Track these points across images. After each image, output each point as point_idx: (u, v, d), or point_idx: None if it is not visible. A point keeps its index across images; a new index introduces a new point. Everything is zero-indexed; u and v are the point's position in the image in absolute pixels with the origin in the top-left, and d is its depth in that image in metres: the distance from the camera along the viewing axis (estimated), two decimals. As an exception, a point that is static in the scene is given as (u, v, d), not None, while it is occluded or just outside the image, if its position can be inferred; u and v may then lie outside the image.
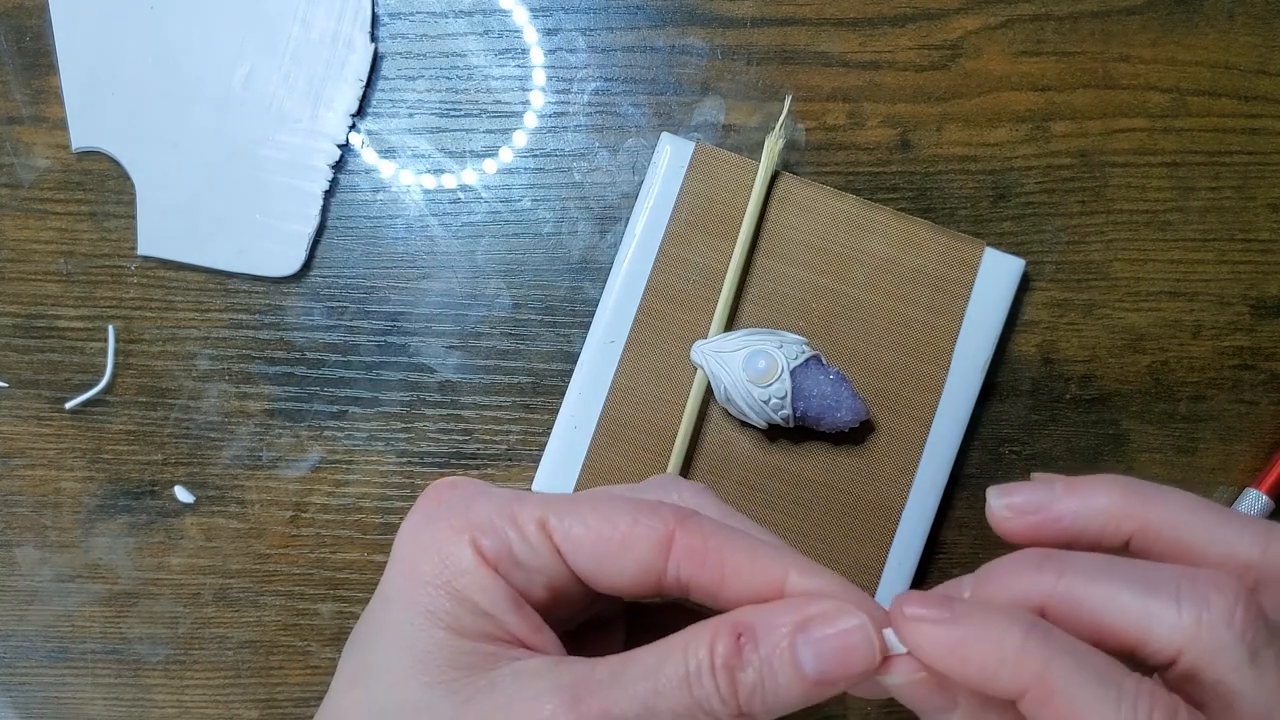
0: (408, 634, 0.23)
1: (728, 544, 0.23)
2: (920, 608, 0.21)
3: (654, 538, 0.23)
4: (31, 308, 0.43)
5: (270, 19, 0.43)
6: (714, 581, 0.23)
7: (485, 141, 0.43)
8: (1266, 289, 0.44)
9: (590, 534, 0.23)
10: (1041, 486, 0.24)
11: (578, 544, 0.23)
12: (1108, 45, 0.44)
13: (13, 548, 0.42)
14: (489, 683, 0.22)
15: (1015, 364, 0.43)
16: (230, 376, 0.43)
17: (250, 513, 0.42)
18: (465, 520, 0.23)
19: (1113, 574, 0.21)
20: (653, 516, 0.23)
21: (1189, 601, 0.20)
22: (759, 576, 0.22)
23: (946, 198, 0.43)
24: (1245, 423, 0.43)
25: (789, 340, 0.40)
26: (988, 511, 0.25)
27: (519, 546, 0.23)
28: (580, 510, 0.23)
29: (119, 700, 0.42)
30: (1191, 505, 0.23)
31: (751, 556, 0.23)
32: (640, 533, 0.23)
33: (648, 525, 0.23)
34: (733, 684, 0.21)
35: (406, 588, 0.23)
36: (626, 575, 0.23)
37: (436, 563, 0.23)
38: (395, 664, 0.23)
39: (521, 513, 0.23)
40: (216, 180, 0.42)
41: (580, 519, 0.23)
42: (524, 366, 0.43)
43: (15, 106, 0.43)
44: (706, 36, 0.44)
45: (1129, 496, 0.23)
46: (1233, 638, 0.20)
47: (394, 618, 0.23)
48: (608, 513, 0.23)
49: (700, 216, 0.42)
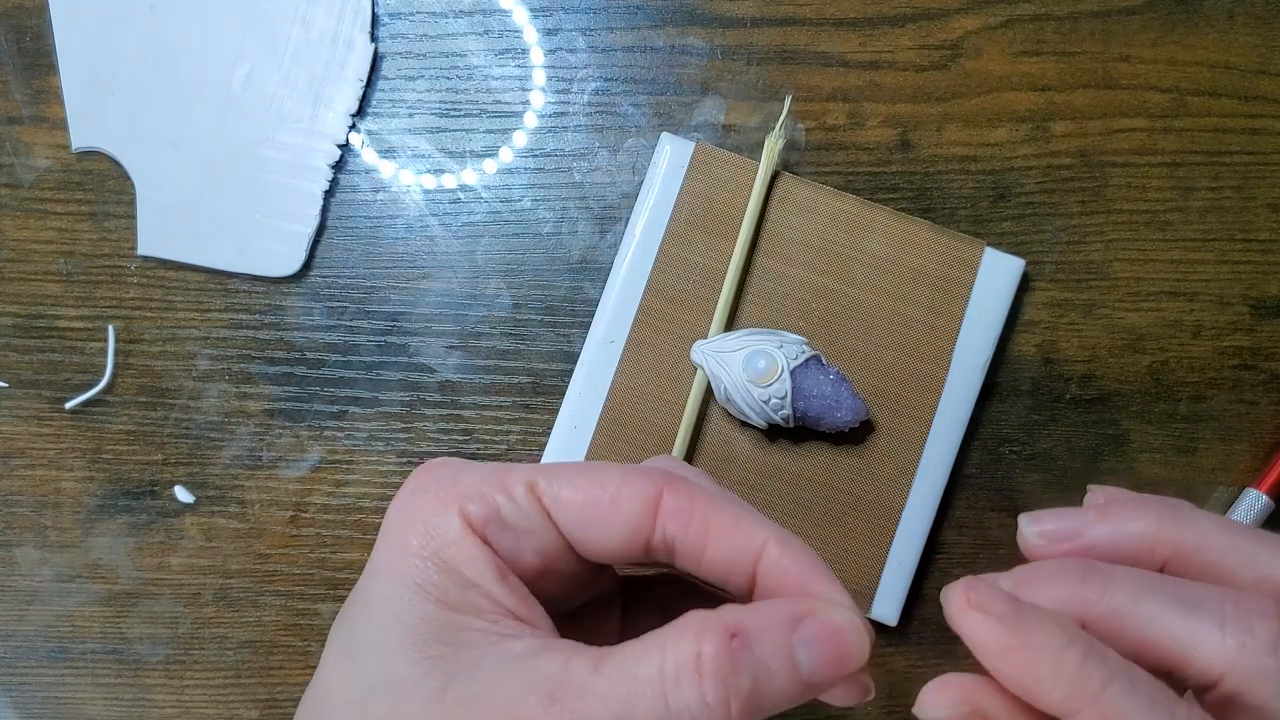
0: (396, 607, 0.23)
1: (712, 507, 0.23)
2: (985, 598, 0.20)
3: (643, 497, 0.23)
4: (31, 308, 0.43)
5: (270, 19, 0.43)
6: (698, 544, 0.23)
7: (485, 141, 0.43)
8: (1266, 289, 0.44)
9: (579, 494, 0.23)
10: (1073, 513, 0.24)
11: (567, 506, 0.23)
12: (1108, 45, 0.44)
13: (13, 548, 0.42)
14: (472, 663, 0.22)
15: (1015, 364, 0.43)
16: (230, 376, 0.43)
17: (250, 513, 0.42)
18: (453, 490, 0.23)
19: (1158, 592, 0.21)
20: (642, 477, 0.23)
21: (1233, 626, 0.20)
22: (740, 541, 0.22)
23: (946, 198, 0.43)
24: (1245, 423, 0.43)
25: (789, 340, 0.40)
26: (1020, 540, 0.24)
27: (507, 509, 0.23)
28: (569, 474, 0.23)
29: (119, 700, 0.42)
30: (1226, 529, 0.23)
31: (734, 521, 0.23)
32: (629, 492, 0.23)
33: (637, 485, 0.23)
34: (724, 690, 0.20)
35: (394, 560, 0.23)
36: (615, 537, 0.23)
37: (423, 534, 0.23)
38: (383, 638, 0.23)
39: (510, 478, 0.23)
40: (216, 180, 0.42)
41: (569, 481, 0.23)
42: (524, 366, 0.43)
43: (15, 106, 0.43)
44: (706, 36, 0.44)
45: (1163, 522, 0.23)
46: (1276, 665, 0.20)
47: (382, 591, 0.23)
48: (597, 475, 0.23)
49: (700, 216, 0.42)
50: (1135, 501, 0.24)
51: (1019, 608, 0.20)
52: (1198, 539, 0.23)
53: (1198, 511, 0.23)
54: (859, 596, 0.41)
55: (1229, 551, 0.23)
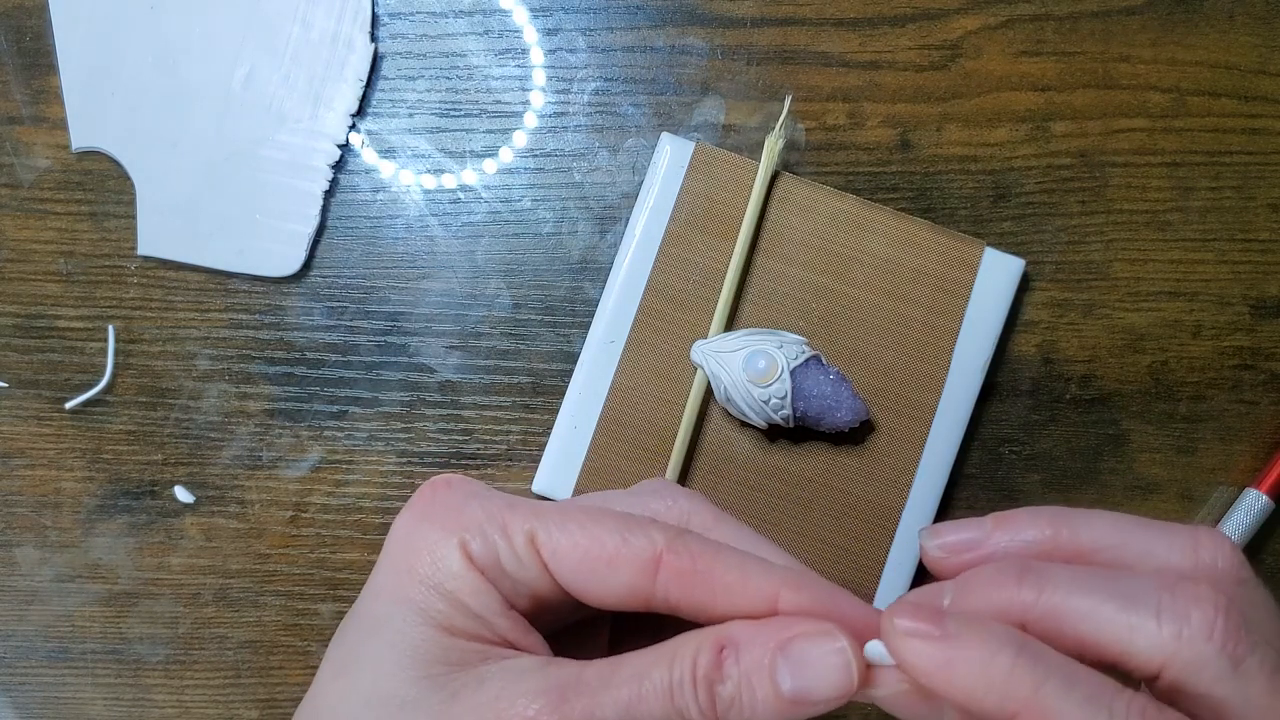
0: (398, 628, 0.23)
1: (717, 563, 0.23)
2: (911, 621, 0.21)
3: (641, 559, 0.23)
4: (31, 308, 0.43)
5: (270, 19, 0.43)
6: (704, 601, 0.23)
7: (485, 141, 0.43)
8: (1266, 289, 0.44)
9: (578, 552, 0.23)
10: (971, 523, 0.24)
11: (564, 560, 0.23)
12: (1108, 45, 0.44)
13: (13, 548, 0.42)
14: (477, 678, 0.22)
15: (1015, 364, 0.43)
16: (230, 376, 0.43)
17: (250, 513, 0.42)
18: (457, 522, 0.24)
19: (1093, 588, 0.21)
20: (641, 537, 0.23)
21: (1169, 615, 0.21)
22: (750, 594, 0.22)
23: (946, 198, 0.43)
24: (1245, 423, 0.43)
25: (789, 340, 0.40)
26: (922, 554, 0.25)
27: (506, 557, 0.23)
28: (569, 527, 0.23)
29: (119, 700, 0.42)
30: (1117, 523, 0.23)
31: (742, 574, 0.22)
32: (627, 554, 0.23)
33: (635, 546, 0.23)
34: (711, 696, 0.21)
35: (398, 583, 0.23)
36: (613, 594, 0.23)
37: (428, 563, 0.23)
38: (384, 656, 0.23)
39: (512, 523, 0.23)
40: (216, 180, 0.42)
41: (568, 535, 0.23)
42: (524, 366, 0.43)
43: (15, 106, 0.43)
44: (706, 36, 0.44)
45: (1057, 524, 0.24)
46: (1213, 651, 0.20)
47: (384, 611, 0.23)
48: (595, 531, 0.23)
49: (700, 216, 0.42)
50: (1029, 510, 0.24)
51: (944, 624, 0.21)
52: (1094, 538, 0.23)
53: (1091, 511, 0.24)
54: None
55: (1126, 545, 0.23)
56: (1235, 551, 0.23)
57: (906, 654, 0.21)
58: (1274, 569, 0.44)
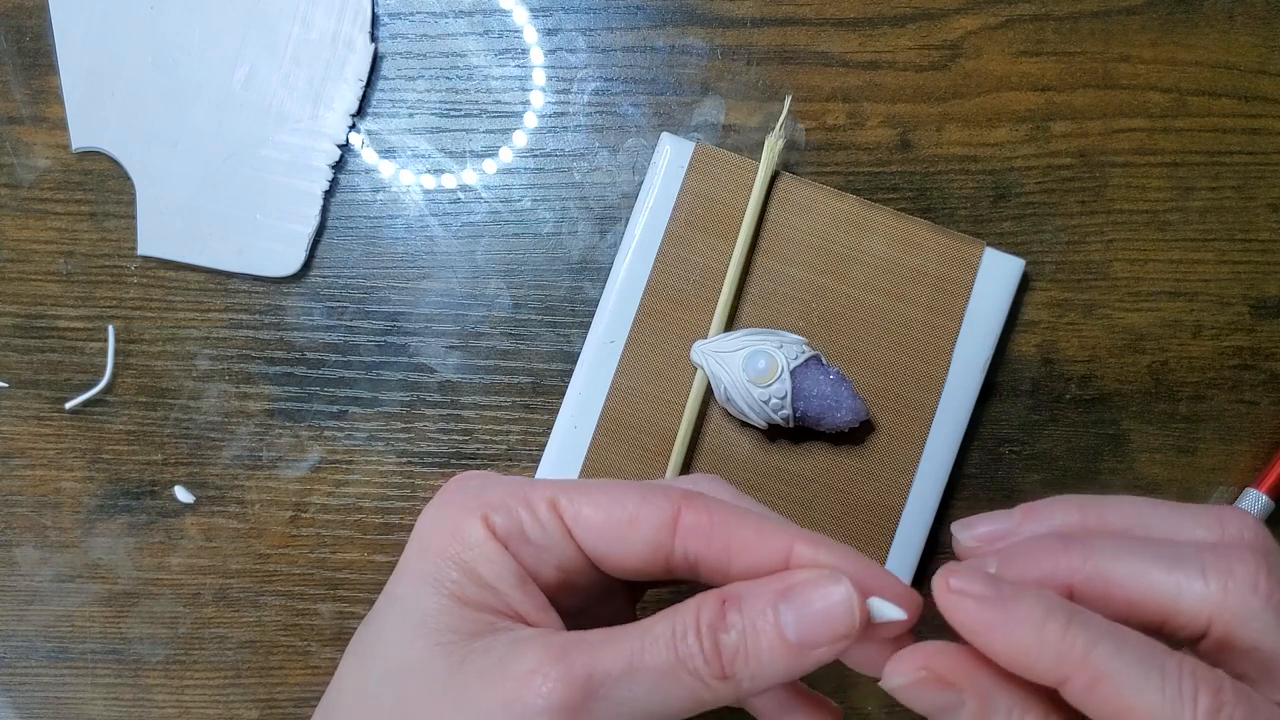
0: (411, 601, 0.23)
1: (733, 519, 0.23)
2: (964, 582, 0.21)
3: (661, 516, 0.23)
4: (31, 308, 0.43)
5: (270, 19, 0.43)
6: (721, 557, 0.23)
7: (485, 141, 0.43)
8: (1266, 289, 0.44)
9: (600, 513, 0.24)
10: (1001, 515, 0.25)
11: (587, 523, 0.24)
12: (1108, 45, 0.44)
13: (13, 548, 0.42)
14: (484, 645, 0.23)
15: (1015, 364, 0.43)
16: (230, 376, 0.43)
17: (250, 513, 0.42)
18: (479, 500, 0.24)
19: (1138, 551, 0.22)
20: (660, 496, 0.24)
21: (1214, 572, 0.21)
22: (765, 550, 0.23)
23: (946, 198, 0.43)
24: (1245, 423, 0.43)
25: (789, 340, 0.40)
26: (955, 546, 0.25)
27: (530, 525, 0.24)
28: (590, 492, 0.24)
29: (119, 700, 0.42)
30: (1141, 508, 0.24)
31: (758, 531, 0.23)
32: (648, 511, 0.23)
33: (655, 504, 0.23)
34: (716, 645, 0.22)
35: (415, 563, 0.24)
36: (635, 554, 0.23)
37: (447, 536, 0.24)
38: (397, 629, 0.23)
39: (533, 494, 0.24)
40: (216, 180, 0.42)
41: (590, 499, 0.24)
42: (524, 366, 0.43)
43: (15, 106, 0.43)
44: (706, 36, 0.44)
45: (1085, 511, 0.24)
46: (1259, 602, 0.21)
47: (400, 590, 0.24)
48: (616, 494, 0.24)
49: (700, 216, 0.42)
50: (1054, 499, 0.25)
51: (998, 586, 0.21)
52: (1120, 521, 0.24)
53: (1115, 497, 0.24)
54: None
55: (1153, 528, 0.23)
56: (1260, 525, 0.23)
57: (958, 613, 0.21)
58: (1274, 569, 0.44)
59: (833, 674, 0.42)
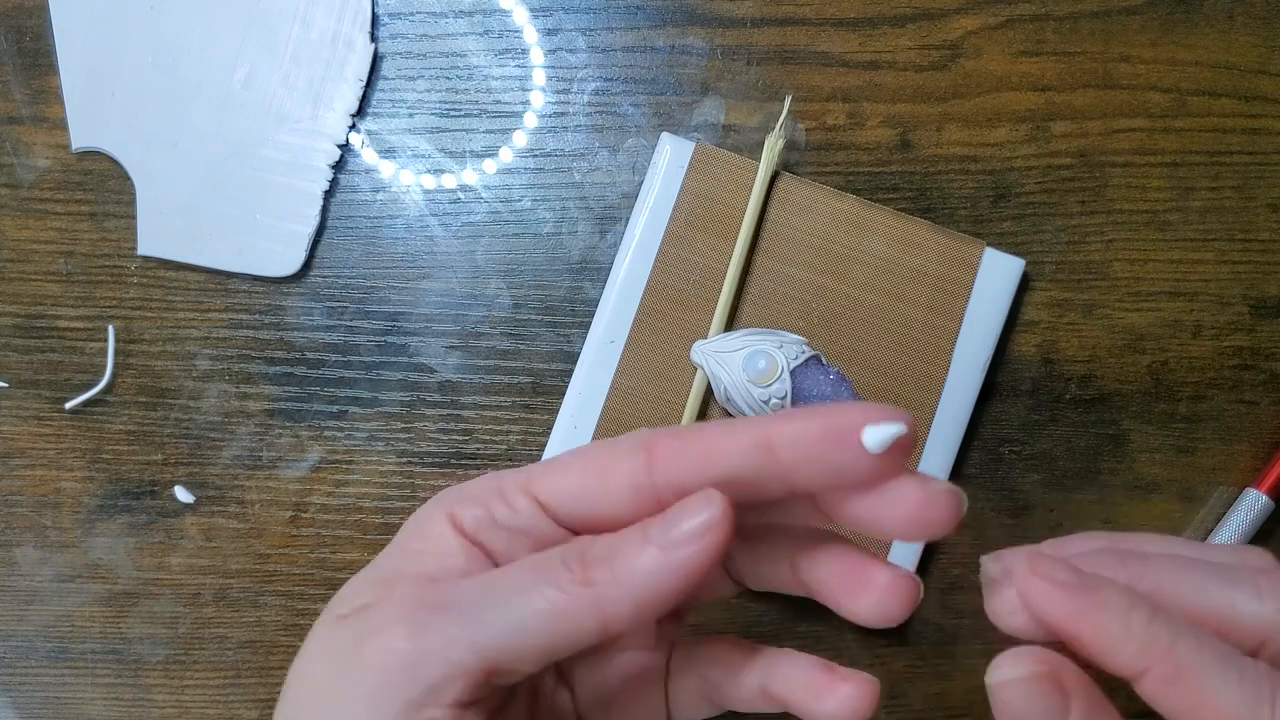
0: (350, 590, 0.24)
1: (702, 431, 0.22)
2: (1050, 568, 0.21)
3: (633, 456, 0.22)
4: (31, 308, 0.43)
5: (270, 19, 0.43)
6: (700, 466, 0.22)
7: (485, 141, 0.43)
8: (1266, 289, 0.44)
9: (571, 476, 0.23)
10: (1029, 549, 0.25)
11: (563, 492, 0.23)
12: (1108, 45, 0.44)
13: (13, 548, 0.42)
14: None
15: (1015, 364, 0.43)
16: (230, 376, 0.43)
17: (250, 513, 0.42)
18: (453, 497, 0.24)
19: (1194, 568, 0.22)
20: (627, 438, 0.23)
21: (1270, 594, 0.22)
22: (742, 441, 0.21)
23: (946, 198, 0.43)
24: (1245, 423, 0.43)
25: (789, 340, 0.40)
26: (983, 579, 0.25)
27: (501, 512, 0.23)
28: (561, 461, 0.23)
29: (119, 700, 0.42)
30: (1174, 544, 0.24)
31: (729, 430, 0.22)
32: (619, 452, 0.22)
33: (624, 446, 0.23)
34: (579, 554, 0.21)
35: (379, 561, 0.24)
36: (618, 502, 0.22)
37: (408, 531, 0.24)
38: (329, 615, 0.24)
39: (506, 482, 0.24)
40: (216, 180, 0.42)
41: (561, 468, 0.23)
42: (524, 366, 0.43)
43: (15, 106, 0.43)
44: (706, 36, 0.44)
45: (1114, 540, 0.24)
46: None
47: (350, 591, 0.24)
48: (585, 454, 0.23)
49: (700, 216, 0.42)
50: (1081, 534, 0.25)
51: (1082, 574, 0.21)
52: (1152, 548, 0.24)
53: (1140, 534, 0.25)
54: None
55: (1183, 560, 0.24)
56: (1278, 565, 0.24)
57: (1044, 598, 0.21)
58: (1274, 569, 0.44)
59: (833, 674, 0.42)
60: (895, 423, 0.20)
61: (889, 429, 0.20)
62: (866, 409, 0.21)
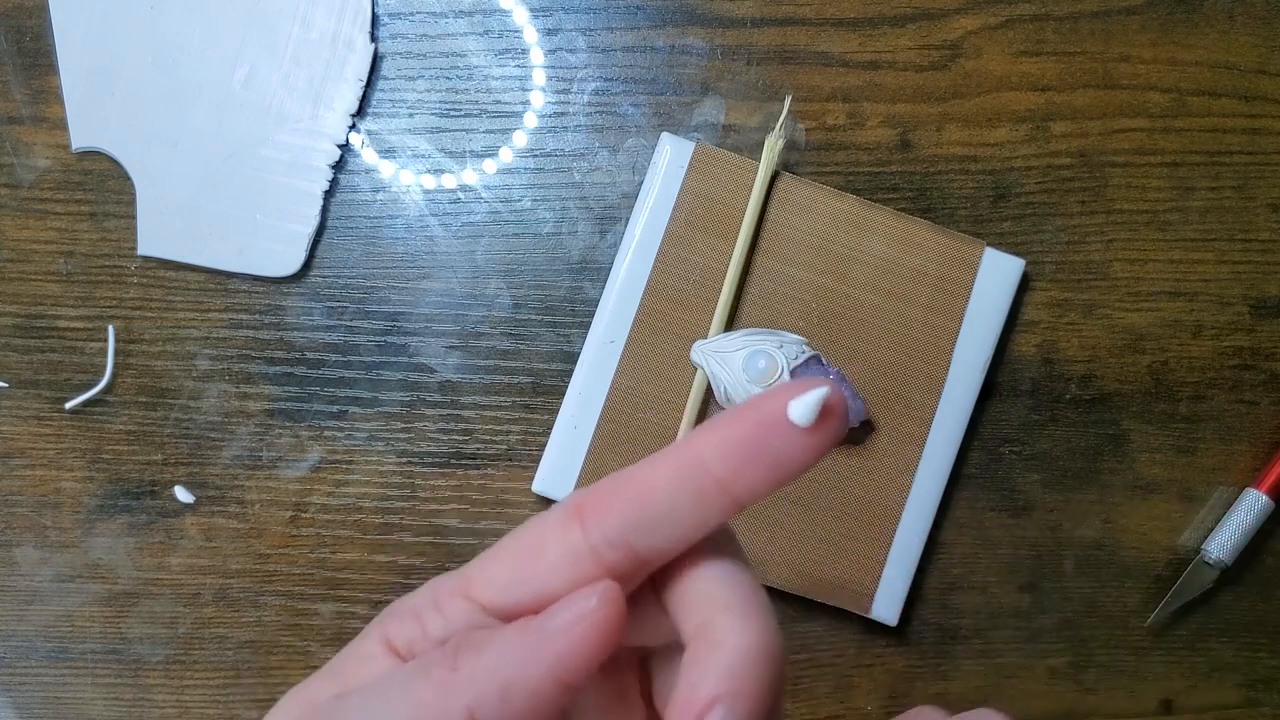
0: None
1: (629, 472, 0.21)
2: None
3: (564, 522, 0.21)
4: (31, 308, 0.43)
5: (270, 19, 0.43)
6: (634, 510, 0.21)
7: (485, 141, 0.43)
8: (1266, 289, 0.44)
9: (505, 563, 0.22)
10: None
11: (498, 583, 0.21)
12: (1108, 45, 0.44)
13: (13, 548, 0.42)
14: None
15: (1015, 364, 0.43)
16: (230, 376, 0.43)
17: (250, 513, 0.42)
18: (388, 615, 0.23)
19: None
20: (557, 508, 0.22)
21: None
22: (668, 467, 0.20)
23: (946, 198, 0.43)
24: (1245, 423, 0.43)
25: (789, 340, 0.40)
26: None
27: (434, 623, 0.22)
28: (495, 551, 0.22)
29: (119, 700, 0.42)
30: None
31: (653, 462, 0.21)
32: (550, 525, 0.21)
33: (555, 516, 0.21)
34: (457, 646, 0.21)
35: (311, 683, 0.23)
36: (559, 576, 0.21)
37: (344, 658, 0.23)
38: None
39: (442, 588, 0.22)
40: (216, 180, 0.42)
41: (493, 556, 0.22)
42: (524, 366, 0.43)
43: (15, 106, 0.43)
44: (706, 36, 0.44)
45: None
46: None
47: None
48: (515, 535, 0.22)
49: (700, 216, 0.42)
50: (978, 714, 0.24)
51: None
52: None
53: None
54: (859, 596, 0.41)
55: None
56: None
57: None
58: (1274, 569, 0.44)
59: (832, 674, 0.42)
60: (815, 388, 0.19)
61: (812, 395, 0.19)
62: (781, 389, 0.20)
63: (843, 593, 0.41)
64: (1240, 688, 0.44)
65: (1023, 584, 0.43)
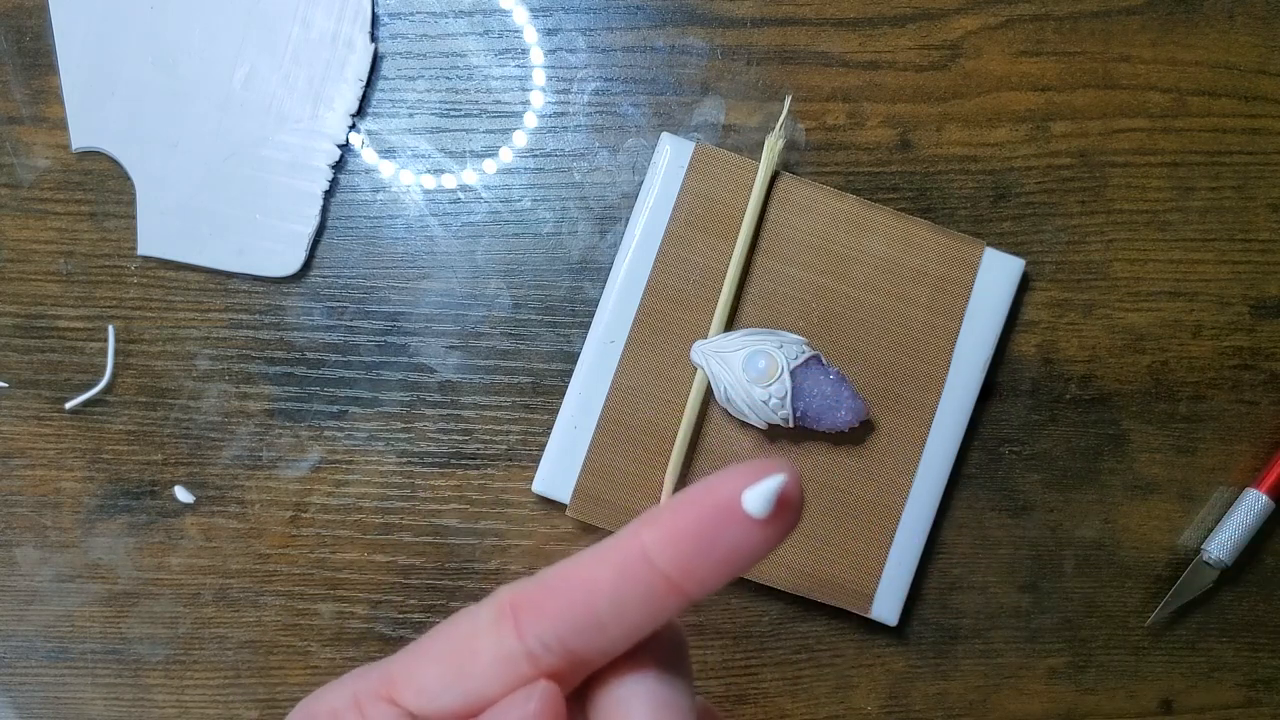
0: None
1: (566, 568, 0.20)
2: None
3: (496, 622, 0.20)
4: (31, 308, 0.43)
5: (270, 19, 0.43)
6: (573, 610, 0.19)
7: (485, 141, 0.43)
8: (1266, 289, 0.44)
9: (432, 667, 0.20)
10: None
11: (425, 688, 0.20)
12: (1108, 45, 0.44)
13: (13, 548, 0.42)
14: None
15: (1015, 364, 0.43)
16: (230, 376, 0.43)
17: (250, 513, 0.42)
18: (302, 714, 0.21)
19: None
20: (487, 604, 0.20)
21: None
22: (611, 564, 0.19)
23: (946, 198, 0.43)
24: (1245, 423, 0.43)
25: (789, 340, 0.40)
26: None
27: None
28: (419, 648, 0.21)
29: (119, 700, 0.42)
30: None
31: (593, 555, 0.20)
32: (480, 625, 0.20)
33: (485, 614, 0.20)
34: None
35: None
36: (490, 681, 0.20)
37: None
38: None
39: (362, 687, 0.21)
40: (216, 180, 0.42)
41: (419, 656, 0.21)
42: (524, 366, 0.43)
43: (15, 106, 0.43)
44: (706, 36, 0.44)
45: None
46: None
47: None
48: (443, 633, 0.21)
49: (700, 216, 0.42)
50: None
51: None
52: None
53: None
54: (859, 596, 0.41)
55: None
56: None
57: None
58: (1274, 569, 0.44)
59: (832, 674, 0.42)
60: (773, 475, 0.18)
61: (768, 484, 0.18)
62: (736, 473, 0.18)
63: (843, 593, 0.41)
64: (1240, 688, 0.44)
65: (1023, 584, 0.43)
